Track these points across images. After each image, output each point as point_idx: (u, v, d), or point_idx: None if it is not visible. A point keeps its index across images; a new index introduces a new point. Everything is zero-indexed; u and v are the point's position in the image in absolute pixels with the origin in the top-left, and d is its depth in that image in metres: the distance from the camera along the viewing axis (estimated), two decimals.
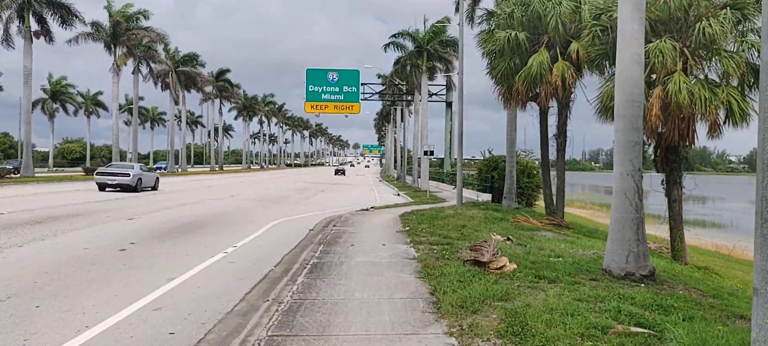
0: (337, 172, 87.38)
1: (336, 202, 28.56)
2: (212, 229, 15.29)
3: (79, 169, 65.95)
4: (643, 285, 8.56)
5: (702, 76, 15.86)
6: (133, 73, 58.93)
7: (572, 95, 19.78)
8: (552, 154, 21.93)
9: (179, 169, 72.42)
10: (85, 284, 8.34)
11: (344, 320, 6.43)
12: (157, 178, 34.50)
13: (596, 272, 9.30)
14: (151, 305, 7.22)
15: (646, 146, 15.90)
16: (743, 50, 15.42)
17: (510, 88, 19.70)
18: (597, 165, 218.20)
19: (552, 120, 21.40)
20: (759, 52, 15.32)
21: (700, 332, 5.66)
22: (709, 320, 6.60)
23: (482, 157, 36.48)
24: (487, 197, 29.98)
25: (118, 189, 29.39)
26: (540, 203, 29.15)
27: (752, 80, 15.54)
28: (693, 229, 28.20)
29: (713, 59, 15.29)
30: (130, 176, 29.80)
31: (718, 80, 15.65)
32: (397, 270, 9.42)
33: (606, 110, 15.62)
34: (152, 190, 32.08)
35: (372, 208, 24.35)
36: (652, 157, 16.61)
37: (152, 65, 61.39)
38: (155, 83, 65.32)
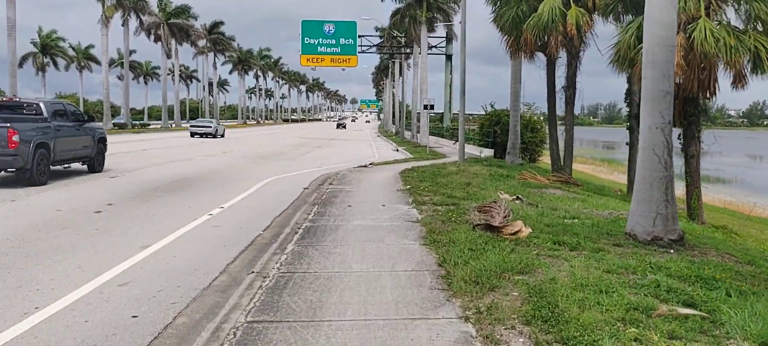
0: (338, 125, 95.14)
1: (333, 158, 27.52)
2: (199, 188, 14.31)
3: None
4: (672, 251, 7.68)
5: (724, 22, 14.76)
6: (122, 25, 57.04)
7: (583, 44, 18.52)
8: (559, 108, 20.80)
9: (173, 125, 70.87)
10: (49, 252, 7.39)
11: (339, 299, 5.48)
12: (225, 129, 51.11)
13: (619, 236, 8.41)
14: (118, 279, 6.28)
15: None
16: None
17: (517, 37, 18.41)
18: (595, 120, 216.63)
19: (559, 72, 20.19)
20: None
21: (765, 316, 4.73)
22: (762, 295, 5.69)
23: (483, 113, 35.31)
24: (489, 152, 28.99)
25: (203, 136, 44.50)
26: (543, 159, 28.18)
27: None
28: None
29: (741, 3, 14.12)
30: (211, 127, 46.92)
31: (738, 27, 14.60)
32: (400, 235, 8.47)
33: (623, 60, 14.47)
34: (222, 137, 45.86)
35: (371, 164, 23.37)
36: None
37: (142, 17, 59.34)
38: (148, 36, 63.37)
